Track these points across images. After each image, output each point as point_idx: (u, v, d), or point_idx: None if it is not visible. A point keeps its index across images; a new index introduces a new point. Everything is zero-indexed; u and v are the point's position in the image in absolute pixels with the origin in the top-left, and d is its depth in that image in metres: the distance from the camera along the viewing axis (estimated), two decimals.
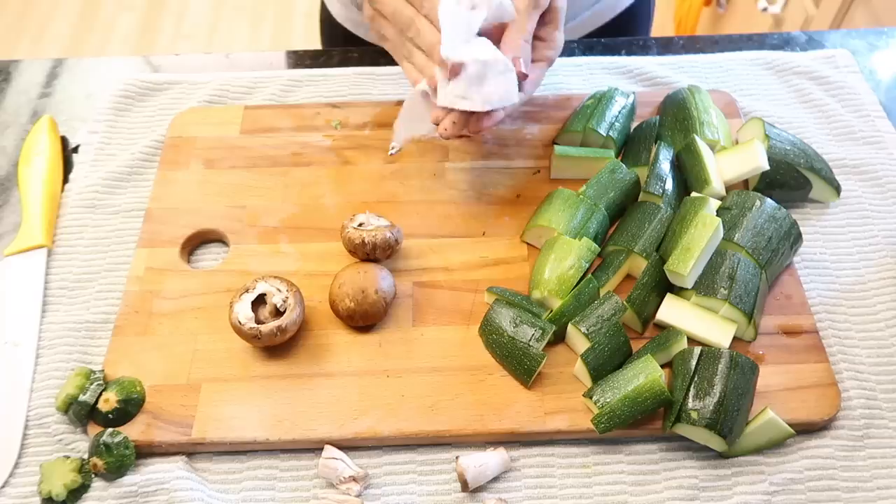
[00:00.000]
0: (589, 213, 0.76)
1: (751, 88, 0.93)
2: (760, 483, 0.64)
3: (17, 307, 0.74)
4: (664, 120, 0.84)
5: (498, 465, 0.64)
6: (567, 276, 0.71)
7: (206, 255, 0.79)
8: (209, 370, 0.69)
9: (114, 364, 0.70)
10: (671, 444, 0.66)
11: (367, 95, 0.92)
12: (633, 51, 0.98)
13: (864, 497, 0.64)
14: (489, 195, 0.82)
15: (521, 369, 0.67)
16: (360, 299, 0.69)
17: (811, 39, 0.99)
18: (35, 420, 0.68)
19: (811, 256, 0.78)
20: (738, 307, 0.68)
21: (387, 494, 0.64)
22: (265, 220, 0.80)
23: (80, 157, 0.87)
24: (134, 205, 0.82)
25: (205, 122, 0.88)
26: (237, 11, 2.74)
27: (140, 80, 0.93)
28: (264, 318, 0.70)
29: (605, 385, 0.66)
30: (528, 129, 0.87)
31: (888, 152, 0.86)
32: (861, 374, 0.70)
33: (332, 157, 0.85)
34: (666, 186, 0.77)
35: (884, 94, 0.93)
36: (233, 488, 0.65)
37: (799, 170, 0.79)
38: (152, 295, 0.74)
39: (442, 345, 0.71)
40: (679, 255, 0.69)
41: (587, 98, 0.86)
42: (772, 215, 0.73)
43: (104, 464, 0.63)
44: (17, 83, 0.95)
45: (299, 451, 0.66)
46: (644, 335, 0.72)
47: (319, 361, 0.70)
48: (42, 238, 0.78)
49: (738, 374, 0.64)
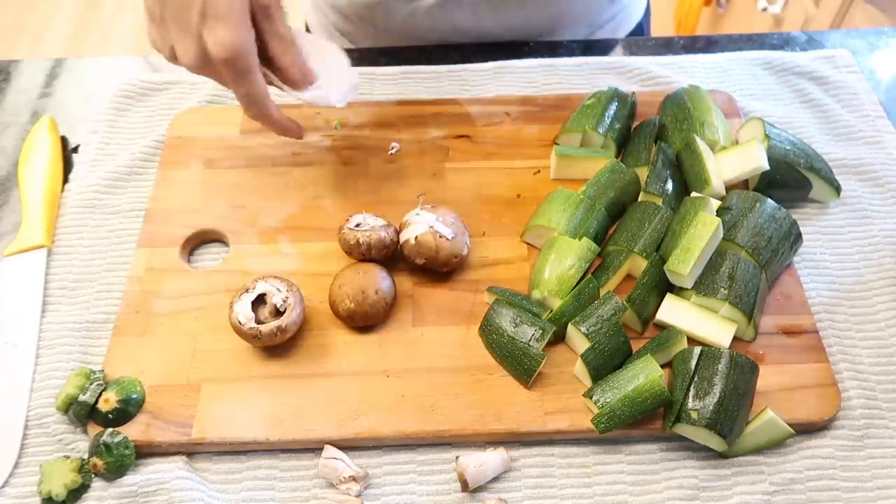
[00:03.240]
0: (589, 213, 0.76)
1: (751, 88, 0.93)
2: (760, 483, 0.64)
3: (17, 307, 0.74)
4: (664, 120, 0.84)
5: (498, 465, 0.64)
6: (567, 276, 0.71)
7: (206, 255, 0.79)
8: (209, 370, 0.69)
9: (114, 364, 0.70)
10: (671, 444, 0.66)
11: (367, 95, 0.92)
12: (633, 51, 0.98)
13: (864, 497, 0.64)
14: (489, 195, 0.82)
15: (521, 369, 0.67)
16: (360, 300, 0.69)
17: (811, 39, 0.99)
18: (35, 420, 0.68)
19: (811, 256, 0.78)
20: (738, 307, 0.68)
21: (387, 494, 0.64)
22: (265, 220, 0.80)
23: (80, 157, 0.87)
24: (134, 205, 0.82)
25: (205, 122, 0.88)
26: None
27: (140, 80, 0.93)
28: (264, 318, 0.70)
29: (605, 385, 0.66)
30: (528, 129, 0.87)
31: (888, 152, 0.86)
32: (861, 374, 0.70)
33: (332, 157, 0.85)
34: (666, 186, 0.77)
35: (884, 94, 0.93)
36: (233, 488, 0.65)
37: (799, 170, 0.79)
38: (152, 295, 0.74)
39: (442, 345, 0.71)
40: (679, 255, 0.69)
41: (587, 98, 0.86)
42: (772, 215, 0.73)
43: (104, 464, 0.63)
44: (17, 83, 0.95)
45: (299, 451, 0.66)
46: (644, 335, 0.72)
47: (319, 361, 0.70)
48: (42, 238, 0.78)
49: (738, 374, 0.64)
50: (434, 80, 0.94)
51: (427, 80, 0.94)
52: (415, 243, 0.72)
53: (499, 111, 0.89)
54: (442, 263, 0.73)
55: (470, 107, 0.89)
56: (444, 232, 0.72)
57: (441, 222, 0.73)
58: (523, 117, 0.88)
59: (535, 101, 0.90)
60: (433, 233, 0.72)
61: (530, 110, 0.89)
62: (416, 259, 0.73)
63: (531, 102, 0.90)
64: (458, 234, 0.74)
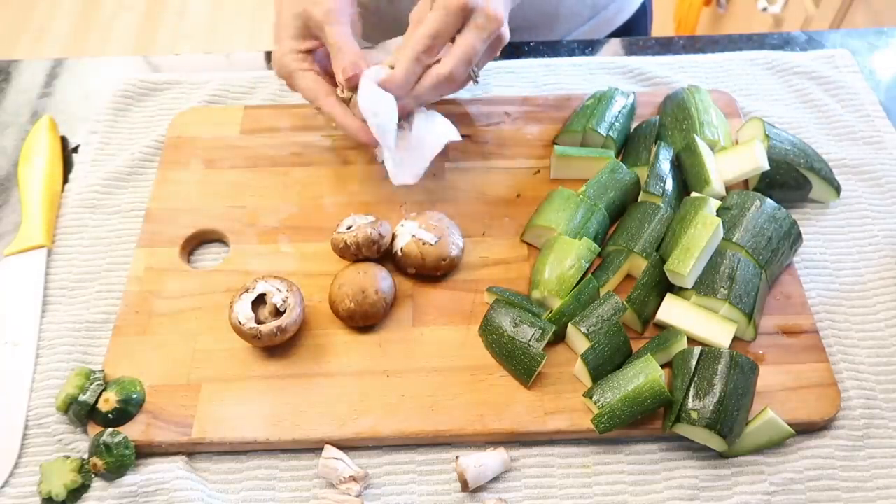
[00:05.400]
0: (589, 213, 0.76)
1: (751, 88, 0.92)
2: (760, 483, 0.64)
3: (17, 307, 0.74)
4: (664, 120, 0.84)
5: (498, 465, 0.64)
6: (567, 276, 0.71)
7: (206, 255, 0.79)
8: (209, 370, 0.69)
9: (114, 364, 0.70)
10: (671, 444, 0.66)
11: None
12: (633, 51, 0.98)
13: (864, 497, 0.64)
14: (489, 195, 0.82)
15: (521, 369, 0.67)
16: (360, 300, 0.69)
17: (811, 39, 0.99)
18: (35, 420, 0.68)
19: (811, 256, 0.78)
20: (738, 307, 0.68)
21: (387, 494, 0.64)
22: (265, 220, 0.80)
23: (80, 157, 0.87)
24: (134, 205, 0.82)
25: (205, 122, 0.88)
26: (237, 11, 2.74)
27: (140, 80, 0.93)
28: (264, 318, 0.70)
29: (605, 385, 0.66)
30: (528, 129, 0.87)
31: (888, 152, 0.86)
32: (861, 374, 0.70)
33: (332, 157, 0.85)
34: (666, 186, 0.77)
35: (884, 94, 0.93)
36: (233, 488, 0.65)
37: (799, 170, 0.79)
38: (152, 295, 0.74)
39: (442, 345, 0.71)
40: (679, 255, 0.69)
41: (587, 98, 0.86)
42: (772, 215, 0.73)
43: (104, 464, 0.63)
44: (17, 83, 0.95)
45: (299, 451, 0.66)
46: (644, 335, 0.72)
47: (319, 361, 0.70)
48: (42, 238, 0.78)
49: (738, 374, 0.64)
50: None
51: None
52: (401, 255, 0.73)
53: (499, 111, 0.89)
54: (431, 269, 0.73)
55: (470, 107, 0.89)
56: (427, 238, 0.72)
57: (423, 229, 0.73)
58: (523, 117, 0.88)
59: (535, 101, 0.90)
60: (416, 241, 0.72)
61: (530, 110, 0.89)
62: (407, 269, 0.74)
63: (531, 102, 0.89)
64: (444, 235, 0.73)
